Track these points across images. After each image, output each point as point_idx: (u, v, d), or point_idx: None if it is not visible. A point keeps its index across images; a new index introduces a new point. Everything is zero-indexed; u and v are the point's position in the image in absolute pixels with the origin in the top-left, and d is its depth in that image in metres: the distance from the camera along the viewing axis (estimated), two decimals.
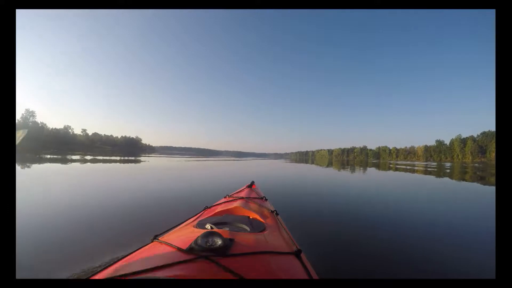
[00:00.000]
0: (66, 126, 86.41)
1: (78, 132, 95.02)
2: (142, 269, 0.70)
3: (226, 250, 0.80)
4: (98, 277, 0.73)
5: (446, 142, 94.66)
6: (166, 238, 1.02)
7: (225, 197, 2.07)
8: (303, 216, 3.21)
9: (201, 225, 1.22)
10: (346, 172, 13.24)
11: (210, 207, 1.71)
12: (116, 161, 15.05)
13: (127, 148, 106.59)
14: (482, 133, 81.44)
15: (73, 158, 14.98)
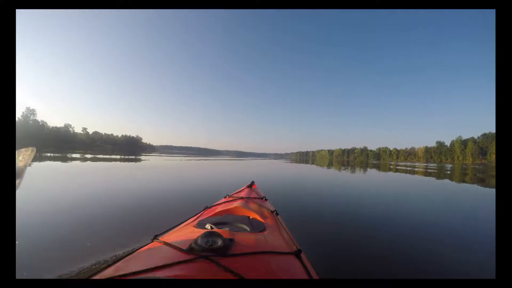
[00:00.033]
0: (67, 124, 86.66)
1: (78, 130, 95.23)
2: (142, 269, 0.70)
3: (226, 250, 0.80)
4: (98, 277, 0.73)
5: (447, 144, 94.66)
6: (166, 238, 1.02)
7: (225, 197, 2.07)
8: (303, 216, 3.21)
9: (201, 225, 1.22)
10: (347, 172, 13.24)
11: (210, 207, 1.71)
12: (116, 159, 15.07)
13: (128, 147, 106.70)
14: (483, 134, 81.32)
15: (73, 157, 14.99)
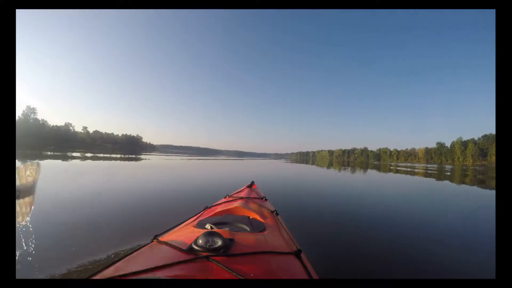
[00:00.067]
0: (67, 123, 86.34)
1: (79, 129, 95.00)
2: (142, 269, 0.70)
3: (226, 250, 0.80)
4: (98, 277, 0.73)
5: (447, 145, 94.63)
6: (166, 238, 1.02)
7: (225, 197, 2.07)
8: (303, 216, 3.21)
9: (201, 225, 1.22)
10: (347, 173, 13.25)
11: (210, 207, 1.71)
12: (116, 158, 15.08)
13: (128, 146, 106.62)
14: (483, 135, 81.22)
15: (73, 155, 14.99)
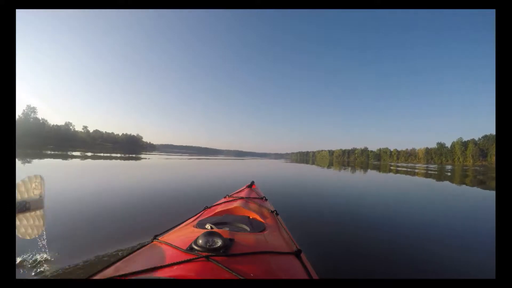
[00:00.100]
0: (67, 123, 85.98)
1: (79, 129, 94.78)
2: (142, 269, 0.70)
3: (226, 250, 0.79)
4: (98, 277, 0.74)
5: (447, 145, 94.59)
6: (166, 238, 1.02)
7: (225, 197, 2.07)
8: (303, 216, 3.21)
9: (201, 225, 1.22)
10: (347, 173, 13.25)
11: (210, 207, 1.71)
12: (117, 158, 15.08)
13: (128, 145, 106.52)
14: (484, 136, 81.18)
15: (74, 155, 15.00)
